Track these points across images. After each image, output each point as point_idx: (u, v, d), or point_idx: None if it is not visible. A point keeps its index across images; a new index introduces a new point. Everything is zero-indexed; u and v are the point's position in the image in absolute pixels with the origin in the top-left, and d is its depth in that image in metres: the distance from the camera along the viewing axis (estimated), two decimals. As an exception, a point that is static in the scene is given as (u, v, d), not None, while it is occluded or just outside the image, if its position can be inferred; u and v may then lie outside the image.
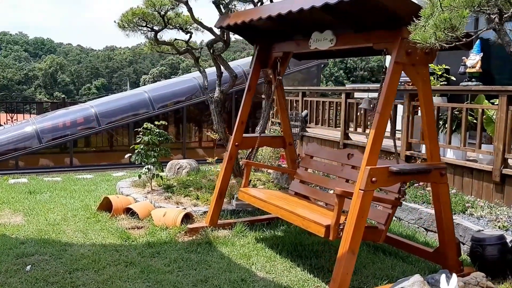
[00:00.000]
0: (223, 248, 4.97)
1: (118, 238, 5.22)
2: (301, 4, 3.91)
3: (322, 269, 4.46)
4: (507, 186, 5.46)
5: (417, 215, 5.52)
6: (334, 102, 8.63)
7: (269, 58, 5.42)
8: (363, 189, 3.57)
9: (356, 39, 4.19)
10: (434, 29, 2.89)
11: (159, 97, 11.42)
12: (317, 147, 5.55)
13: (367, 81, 59.53)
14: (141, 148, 6.72)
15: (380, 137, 3.67)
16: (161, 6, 6.38)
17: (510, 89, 5.41)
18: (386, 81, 3.66)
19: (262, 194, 5.01)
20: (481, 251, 4.25)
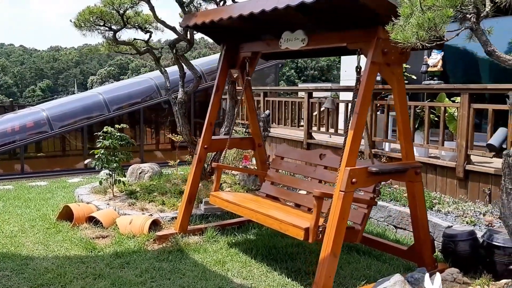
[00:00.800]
0: (195, 255, 4.82)
1: (82, 249, 4.95)
2: (275, 3, 3.82)
3: (299, 272, 4.40)
4: (471, 181, 5.62)
5: (386, 213, 5.58)
6: (296, 102, 8.62)
7: (237, 58, 5.31)
8: (343, 190, 3.53)
9: (330, 39, 4.15)
10: (417, 29, 2.88)
11: (115, 98, 11.00)
12: (287, 148, 5.49)
13: (318, 80, 60.57)
14: (101, 153, 6.42)
15: (358, 137, 3.65)
16: (120, 5, 6.10)
17: (472, 87, 5.58)
18: (363, 82, 3.64)
19: (234, 198, 4.89)
20: (453, 247, 4.32)
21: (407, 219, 5.34)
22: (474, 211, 5.12)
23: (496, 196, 5.27)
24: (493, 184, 5.36)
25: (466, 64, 8.44)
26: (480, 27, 3.05)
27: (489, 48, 3.03)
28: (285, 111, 9.09)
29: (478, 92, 5.79)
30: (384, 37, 3.56)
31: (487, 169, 5.43)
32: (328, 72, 63.94)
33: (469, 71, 8.52)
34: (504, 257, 3.98)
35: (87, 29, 6.39)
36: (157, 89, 11.47)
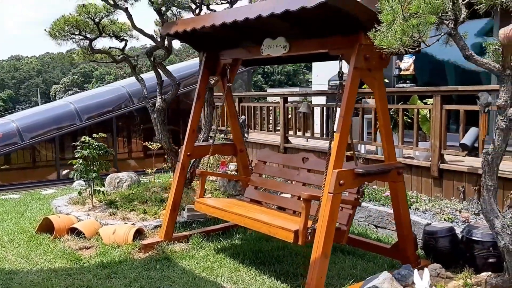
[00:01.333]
0: (183, 262, 4.82)
1: (67, 260, 4.87)
2: (259, 11, 3.90)
3: (287, 274, 4.48)
4: (445, 180, 5.84)
5: (366, 213, 5.73)
6: (272, 107, 8.73)
7: (217, 65, 5.36)
8: (332, 192, 3.63)
9: (311, 45, 4.27)
10: (401, 35, 3.02)
11: (86, 108, 10.85)
12: (269, 152, 5.57)
13: (285, 85, 61.21)
14: (80, 163, 6.33)
15: (344, 140, 3.77)
16: (96, 13, 6.06)
17: (443, 90, 5.81)
18: (347, 86, 3.76)
19: (220, 203, 4.93)
20: (434, 243, 4.49)
21: (387, 218, 5.51)
22: (451, 208, 5.33)
23: (470, 193, 5.51)
24: (467, 182, 5.58)
25: (434, 68, 8.77)
26: (458, 33, 3.23)
27: (467, 52, 3.21)
28: (261, 116, 9.18)
29: (449, 94, 6.04)
30: (366, 43, 3.71)
31: (460, 167, 5.66)
32: (294, 77, 64.70)
33: (437, 74, 8.85)
34: (483, 251, 4.16)
35: (62, 38, 6.32)
36: (130, 97, 11.38)
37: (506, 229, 3.32)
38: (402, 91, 6.71)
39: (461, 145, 5.58)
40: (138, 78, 6.89)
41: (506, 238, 3.31)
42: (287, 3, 3.64)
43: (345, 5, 3.49)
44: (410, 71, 6.99)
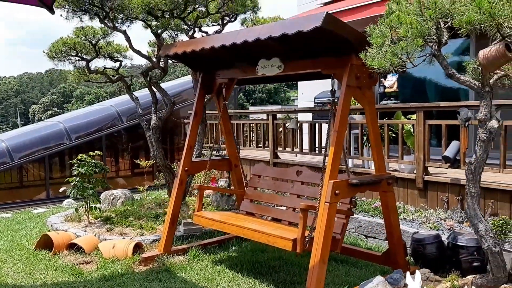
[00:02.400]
0: (183, 273, 5.00)
1: (69, 274, 5.00)
2: (257, 34, 4.18)
3: (285, 282, 4.69)
4: (430, 191, 6.16)
5: (356, 224, 5.99)
6: (262, 124, 9.00)
7: (213, 85, 5.62)
8: (328, 201, 3.89)
9: (305, 65, 4.56)
10: (390, 56, 3.33)
11: (76, 127, 10.97)
12: (263, 167, 5.81)
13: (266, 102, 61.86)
14: (77, 181, 6.47)
15: (338, 153, 4.03)
16: (93, 35, 6.29)
17: (426, 106, 6.17)
18: (340, 103, 4.05)
19: (218, 216, 5.13)
20: (422, 250, 4.77)
21: (376, 228, 5.78)
22: (436, 217, 5.64)
23: (454, 203, 5.83)
24: (450, 192, 5.91)
25: (415, 85, 9.20)
26: (441, 54, 3.56)
27: (449, 71, 3.53)
28: (250, 132, 9.44)
29: (432, 110, 6.40)
30: (357, 63, 4.03)
31: (443, 179, 5.99)
32: (276, 94, 65.43)
33: (418, 91, 9.28)
34: (468, 255, 4.45)
35: (59, 59, 6.51)
36: (119, 116, 11.54)
37: (489, 232, 3.62)
38: (387, 108, 7.07)
39: (443, 158, 5.92)
40: (132, 97, 7.10)
41: (489, 241, 3.60)
42: (284, 27, 3.94)
43: (338, 29, 3.81)
44: (394, 89, 7.37)
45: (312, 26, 3.68)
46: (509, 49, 3.11)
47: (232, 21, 7.16)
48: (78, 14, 5.89)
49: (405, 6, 3.49)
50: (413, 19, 3.26)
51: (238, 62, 5.26)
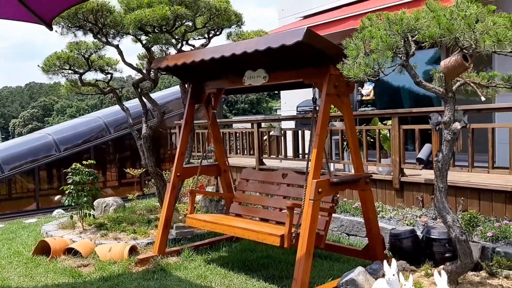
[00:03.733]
0: (177, 272, 5.31)
1: (69, 277, 5.27)
2: (244, 48, 4.58)
3: (274, 277, 5.04)
4: (406, 191, 6.59)
5: (339, 223, 6.39)
6: (247, 132, 9.38)
7: (202, 94, 5.99)
8: (312, 199, 4.28)
9: (288, 76, 4.96)
10: (364, 67, 3.75)
11: (64, 139, 11.20)
12: (251, 171, 6.17)
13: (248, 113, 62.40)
14: (71, 189, 6.74)
15: (320, 154, 4.43)
16: (86, 50, 6.61)
17: (400, 112, 6.63)
18: (321, 109, 4.46)
19: (210, 218, 5.48)
20: (399, 244, 5.18)
21: (357, 227, 6.18)
22: (412, 215, 6.07)
23: (428, 202, 6.27)
24: (424, 192, 6.35)
25: (391, 93, 9.72)
26: (409, 64, 4.00)
27: (417, 79, 3.97)
28: (236, 141, 9.81)
29: (406, 115, 6.86)
30: (335, 73, 4.44)
31: (418, 179, 6.43)
32: (258, 105, 66.03)
33: (393, 99, 9.80)
34: (440, 247, 4.87)
35: (52, 72, 6.81)
36: (106, 127, 11.80)
37: (456, 222, 4.04)
38: (365, 114, 7.51)
39: (417, 160, 6.36)
40: (123, 108, 7.41)
41: (457, 230, 4.02)
42: (269, 41, 4.34)
43: (318, 43, 4.23)
44: (371, 96, 7.84)
45: (294, 40, 4.08)
46: (466, 59, 3.55)
47: (217, 35, 7.55)
48: (73, 30, 6.22)
49: (376, 22, 3.92)
50: (383, 33, 3.70)
51: (226, 73, 5.64)
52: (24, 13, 3.81)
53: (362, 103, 8.05)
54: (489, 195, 5.59)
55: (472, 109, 5.72)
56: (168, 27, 6.30)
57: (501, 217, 5.40)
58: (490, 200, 5.58)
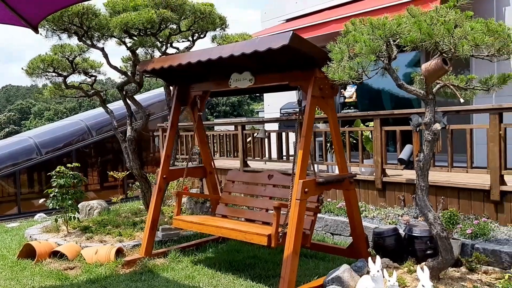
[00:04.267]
0: (165, 273, 5.35)
1: (56, 279, 5.26)
2: (231, 51, 4.66)
3: (260, 276, 5.12)
4: (388, 191, 6.76)
5: (323, 223, 6.51)
6: (231, 134, 9.45)
7: (188, 97, 6.04)
8: (299, 198, 4.37)
9: (274, 78, 5.06)
10: (348, 70, 3.87)
11: (46, 142, 11.11)
12: (237, 172, 6.25)
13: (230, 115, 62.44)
14: (56, 192, 6.71)
15: (306, 155, 4.53)
16: (71, 53, 6.60)
17: (382, 113, 6.79)
18: (307, 111, 4.56)
19: (197, 219, 5.53)
20: (382, 242, 5.31)
21: (341, 226, 6.30)
22: (394, 214, 6.22)
23: (409, 201, 6.44)
24: (406, 192, 6.52)
25: (372, 95, 9.92)
26: (392, 67, 4.14)
27: (399, 82, 4.11)
28: (220, 143, 9.87)
29: (387, 117, 7.03)
30: (320, 76, 4.56)
31: (400, 179, 6.60)
32: (239, 107, 66.12)
33: (375, 101, 10.01)
34: (422, 244, 5.02)
35: (36, 75, 6.78)
36: (88, 130, 11.74)
37: (437, 220, 4.19)
38: (347, 116, 7.67)
39: (399, 160, 6.53)
40: (107, 111, 7.41)
41: (438, 227, 4.16)
42: (255, 45, 4.43)
43: (303, 47, 4.33)
44: (353, 99, 8.00)
45: (280, 44, 4.18)
46: (446, 63, 3.70)
47: (202, 38, 7.62)
48: (58, 33, 6.21)
49: (359, 26, 4.05)
50: (367, 38, 3.82)
51: (212, 75, 5.71)
52: (11, 17, 3.82)
53: (345, 105, 8.21)
54: (468, 194, 5.78)
55: (451, 110, 5.90)
56: (154, 30, 6.34)
57: (480, 215, 5.60)
58: (469, 199, 5.77)
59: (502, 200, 5.45)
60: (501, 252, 4.70)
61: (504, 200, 5.44)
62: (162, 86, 13.17)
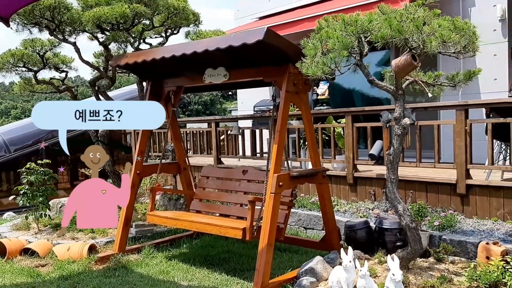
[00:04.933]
0: (139, 269, 5.33)
1: (27, 276, 5.18)
2: (205, 46, 4.69)
3: (235, 270, 5.18)
4: (359, 186, 6.91)
5: (297, 217, 6.61)
6: (205, 131, 9.46)
7: (162, 92, 6.03)
8: (273, 192, 4.45)
9: (248, 74, 5.11)
10: (322, 65, 3.96)
11: (15, 139, 10.86)
12: (211, 168, 6.29)
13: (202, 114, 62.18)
14: (26, 189, 6.60)
15: (281, 150, 4.60)
16: (42, 47, 6.50)
17: (353, 110, 6.94)
18: (281, 106, 4.63)
19: (171, 214, 5.55)
20: (354, 235, 5.44)
21: (314, 220, 6.42)
22: (365, 208, 6.38)
23: (379, 195, 6.60)
24: (376, 186, 6.68)
25: (344, 95, 10.10)
26: (363, 63, 4.25)
27: (370, 78, 4.23)
28: (193, 140, 9.86)
29: (358, 114, 7.19)
30: (293, 71, 4.64)
31: (370, 174, 6.76)
32: (212, 106, 65.91)
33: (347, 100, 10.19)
34: (392, 236, 5.16)
35: (6, 70, 6.64)
36: (59, 127, 11.51)
37: (407, 211, 4.33)
38: (320, 113, 7.80)
39: (369, 156, 6.69)
40: (79, 107, 7.29)
41: (407, 218, 4.30)
42: (230, 40, 4.48)
43: (278, 43, 4.41)
44: (326, 96, 8.14)
45: (255, 39, 4.24)
46: (415, 59, 3.84)
47: (175, 34, 7.61)
48: (28, 27, 6.10)
49: (332, 23, 4.15)
50: (339, 34, 3.92)
51: (186, 71, 5.72)
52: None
53: (318, 102, 8.34)
54: (436, 188, 5.98)
55: (420, 107, 6.09)
56: (127, 25, 6.30)
57: (447, 207, 5.80)
58: (437, 192, 5.97)
59: (468, 193, 5.66)
60: (467, 243, 4.89)
61: (469, 193, 5.65)
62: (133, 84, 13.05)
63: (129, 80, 28.47)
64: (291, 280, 4.58)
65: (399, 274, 3.82)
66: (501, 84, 7.68)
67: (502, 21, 7.72)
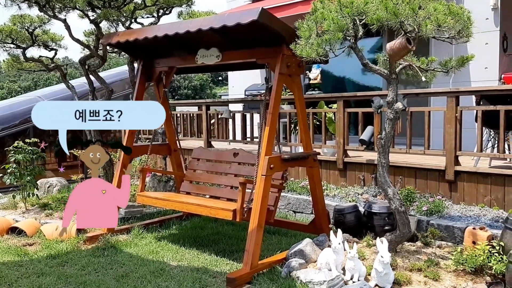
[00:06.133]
0: (128, 249, 5.32)
1: (14, 255, 5.14)
2: (199, 25, 4.64)
3: (224, 251, 5.19)
4: (349, 171, 6.94)
5: (286, 201, 6.63)
6: (195, 114, 9.41)
7: (153, 73, 5.97)
8: (264, 174, 4.44)
9: (241, 55, 5.07)
10: (316, 47, 3.94)
11: (1, 118, 10.69)
12: (202, 150, 6.25)
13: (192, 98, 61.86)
14: (13, 168, 6.52)
15: (273, 132, 4.60)
16: (31, 23, 6.37)
17: (345, 95, 6.94)
18: (274, 88, 4.61)
19: (161, 195, 5.52)
20: (343, 218, 5.47)
21: (303, 204, 6.45)
22: (354, 193, 6.41)
23: (369, 180, 6.64)
24: (366, 171, 6.71)
25: (336, 81, 10.09)
26: (358, 46, 4.23)
27: (364, 61, 4.22)
28: (184, 123, 9.81)
29: (350, 99, 7.19)
30: (287, 53, 4.61)
31: (360, 160, 6.79)
32: (201, 91, 65.54)
33: (339, 84, 10.19)
34: (380, 220, 5.21)
35: (-6, 46, 6.51)
36: (47, 107, 11.36)
37: (396, 195, 4.36)
38: (312, 98, 7.78)
39: (360, 141, 6.71)
40: (68, 86, 7.22)
41: (396, 202, 4.34)
42: (224, 20, 4.43)
43: (272, 23, 4.37)
44: (318, 80, 8.11)
45: (249, 19, 4.20)
46: (409, 42, 3.83)
47: (167, 14, 7.52)
48: (17, 2, 5.97)
49: (328, 4, 4.12)
50: (335, 16, 3.90)
51: (178, 51, 5.66)
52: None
53: (310, 86, 8.32)
54: (425, 174, 6.03)
55: (411, 93, 6.11)
56: (118, 3, 6.21)
57: (435, 193, 5.86)
58: (426, 178, 6.02)
59: (456, 180, 5.72)
60: (454, 228, 4.95)
61: (458, 180, 5.71)
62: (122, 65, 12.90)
63: (118, 63, 28.18)
64: (280, 261, 4.61)
65: (388, 256, 3.86)
66: (492, 72, 7.72)
67: (494, 10, 7.74)
